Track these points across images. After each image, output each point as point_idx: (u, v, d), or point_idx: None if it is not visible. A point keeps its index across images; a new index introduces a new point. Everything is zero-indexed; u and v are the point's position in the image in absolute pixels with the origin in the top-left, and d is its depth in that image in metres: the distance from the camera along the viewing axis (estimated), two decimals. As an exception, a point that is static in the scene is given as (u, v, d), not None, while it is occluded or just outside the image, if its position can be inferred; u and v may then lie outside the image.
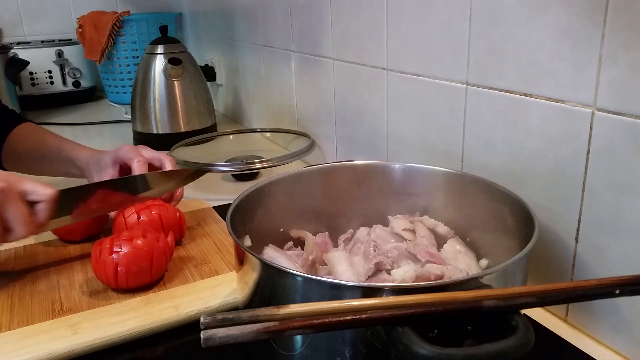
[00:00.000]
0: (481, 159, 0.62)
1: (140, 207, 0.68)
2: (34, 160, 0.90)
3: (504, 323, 0.35)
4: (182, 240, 0.72)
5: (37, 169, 0.92)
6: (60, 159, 0.86)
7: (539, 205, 0.53)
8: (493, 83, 0.58)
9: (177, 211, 0.71)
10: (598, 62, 0.46)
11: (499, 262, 0.41)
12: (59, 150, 0.86)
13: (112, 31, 1.59)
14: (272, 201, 0.59)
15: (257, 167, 0.92)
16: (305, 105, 1.06)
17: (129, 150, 0.76)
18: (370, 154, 0.86)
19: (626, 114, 0.44)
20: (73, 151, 0.85)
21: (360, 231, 0.62)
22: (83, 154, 0.84)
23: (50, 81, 1.69)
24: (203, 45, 1.70)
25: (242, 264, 0.46)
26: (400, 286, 0.39)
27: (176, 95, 1.23)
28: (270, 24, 1.13)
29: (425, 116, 0.71)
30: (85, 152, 0.84)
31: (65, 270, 0.65)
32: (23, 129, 0.92)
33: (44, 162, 0.89)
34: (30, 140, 0.90)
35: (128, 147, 0.77)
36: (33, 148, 0.89)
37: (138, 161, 0.75)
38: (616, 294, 0.37)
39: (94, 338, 0.51)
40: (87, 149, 0.85)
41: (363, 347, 0.39)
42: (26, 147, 0.90)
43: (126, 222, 0.67)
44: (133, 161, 0.75)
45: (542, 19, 0.51)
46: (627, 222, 0.46)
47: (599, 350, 0.50)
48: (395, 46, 0.74)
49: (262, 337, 0.33)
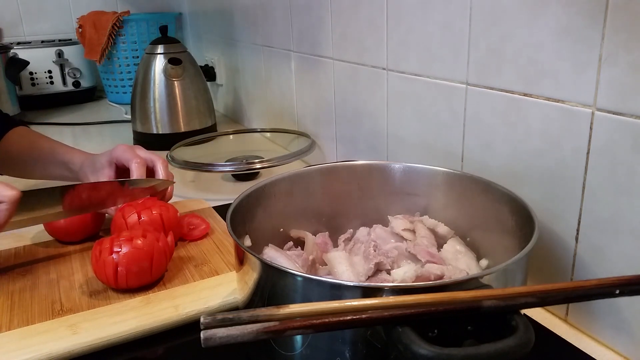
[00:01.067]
0: (481, 159, 0.62)
1: (141, 207, 0.68)
2: (26, 164, 0.90)
3: (504, 323, 0.35)
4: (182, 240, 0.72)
5: (30, 173, 0.91)
6: (53, 162, 0.86)
7: (539, 205, 0.52)
8: (493, 83, 0.58)
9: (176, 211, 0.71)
10: (598, 62, 0.46)
11: (499, 262, 0.41)
12: (52, 153, 0.86)
13: (112, 31, 1.59)
14: (272, 201, 0.59)
15: (257, 167, 0.92)
16: (305, 105, 1.06)
17: (125, 151, 0.76)
18: (370, 154, 0.86)
19: (626, 114, 0.44)
20: (67, 154, 0.84)
21: (360, 231, 0.62)
22: (77, 156, 0.83)
23: (50, 81, 1.69)
24: (203, 45, 1.70)
25: (242, 264, 0.46)
26: (400, 286, 0.39)
27: (176, 95, 1.23)
28: (270, 24, 1.13)
29: (425, 116, 0.71)
30: (79, 155, 0.84)
31: (65, 270, 0.65)
32: (16, 133, 0.91)
33: (37, 166, 0.88)
34: (23, 143, 0.90)
35: (124, 147, 0.77)
36: (26, 151, 0.89)
37: (136, 162, 0.74)
38: (616, 294, 0.37)
39: (94, 338, 0.51)
40: (81, 152, 0.85)
41: (363, 347, 0.39)
42: (19, 151, 0.89)
43: (126, 222, 0.67)
44: (131, 162, 0.75)
45: (542, 19, 0.51)
46: (627, 222, 0.46)
47: (599, 350, 0.50)
48: (395, 46, 0.74)
49: (262, 337, 0.33)
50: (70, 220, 0.70)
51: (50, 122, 1.51)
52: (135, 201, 0.70)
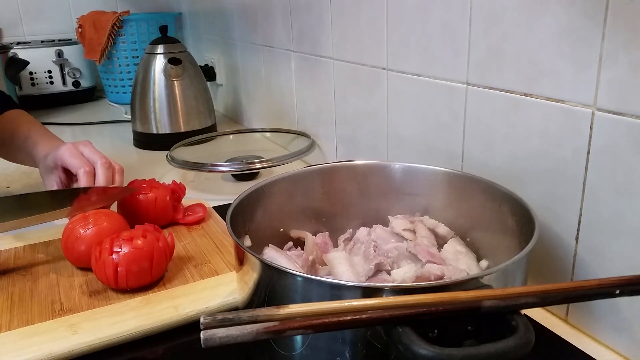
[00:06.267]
0: (481, 159, 0.62)
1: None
2: (9, 149, 0.90)
3: (504, 323, 0.35)
4: (182, 240, 0.72)
5: (12, 157, 0.92)
6: (24, 150, 0.85)
7: (539, 205, 0.53)
8: (493, 83, 0.58)
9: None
10: (598, 62, 0.46)
11: (499, 262, 0.41)
12: (24, 142, 0.85)
13: (112, 31, 1.59)
14: (272, 201, 0.59)
15: (257, 167, 0.92)
16: (305, 105, 1.06)
17: (71, 156, 0.73)
18: (370, 154, 0.86)
19: (626, 114, 0.44)
20: (35, 147, 0.83)
21: (360, 231, 0.62)
22: (40, 150, 0.81)
23: (50, 81, 1.69)
24: (203, 45, 1.70)
25: (242, 264, 0.46)
26: (400, 286, 0.39)
27: (176, 95, 1.23)
28: (270, 24, 1.13)
29: (425, 116, 0.71)
30: (42, 149, 0.81)
31: (65, 270, 0.65)
32: (8, 115, 0.91)
33: (16, 151, 0.88)
34: (10, 126, 0.89)
35: (69, 152, 0.73)
36: (8, 136, 0.89)
37: (84, 171, 0.72)
38: (616, 294, 0.37)
39: (94, 338, 0.51)
40: (45, 144, 0.82)
41: (363, 347, 0.39)
42: (4, 134, 0.89)
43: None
44: (79, 170, 0.72)
45: (542, 19, 0.51)
46: (627, 222, 0.46)
47: (599, 350, 0.50)
48: (395, 46, 0.74)
49: (262, 337, 0.33)
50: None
51: (50, 122, 1.51)
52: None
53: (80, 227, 0.64)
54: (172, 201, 0.77)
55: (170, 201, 0.76)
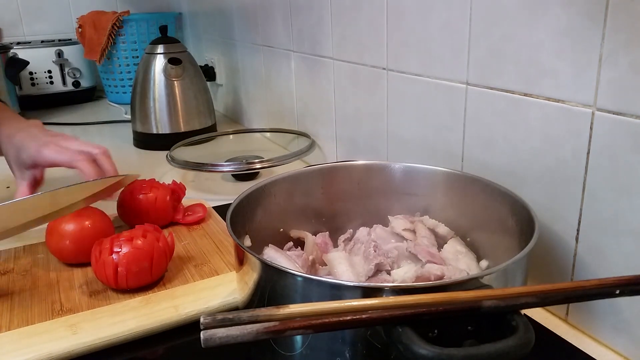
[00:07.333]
0: (481, 159, 0.62)
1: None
2: None
3: (504, 323, 0.35)
4: (182, 240, 0.72)
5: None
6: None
7: (539, 205, 0.52)
8: (493, 83, 0.58)
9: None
10: (598, 62, 0.46)
11: (499, 262, 0.41)
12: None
13: (112, 31, 1.58)
14: (272, 201, 0.59)
15: (257, 167, 0.92)
16: (305, 105, 1.06)
17: (57, 152, 0.72)
18: (370, 154, 0.86)
19: (626, 114, 0.44)
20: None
21: (360, 231, 0.62)
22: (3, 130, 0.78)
23: (50, 81, 1.69)
24: (203, 45, 1.70)
25: (242, 264, 0.46)
26: (400, 286, 0.39)
27: (176, 95, 1.23)
28: (270, 24, 1.13)
29: (425, 116, 0.71)
30: (5, 129, 0.78)
31: (65, 270, 0.65)
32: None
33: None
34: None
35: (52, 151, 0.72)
36: None
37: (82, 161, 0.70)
38: (616, 294, 0.37)
39: (94, 338, 0.51)
40: (12, 125, 0.79)
41: (363, 347, 0.39)
42: None
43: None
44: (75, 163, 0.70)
45: (542, 19, 0.51)
46: (627, 222, 0.46)
47: (599, 350, 0.50)
48: (395, 46, 0.74)
49: (262, 337, 0.33)
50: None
51: (50, 122, 1.51)
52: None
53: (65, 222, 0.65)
54: (172, 201, 0.77)
55: (170, 201, 0.76)
